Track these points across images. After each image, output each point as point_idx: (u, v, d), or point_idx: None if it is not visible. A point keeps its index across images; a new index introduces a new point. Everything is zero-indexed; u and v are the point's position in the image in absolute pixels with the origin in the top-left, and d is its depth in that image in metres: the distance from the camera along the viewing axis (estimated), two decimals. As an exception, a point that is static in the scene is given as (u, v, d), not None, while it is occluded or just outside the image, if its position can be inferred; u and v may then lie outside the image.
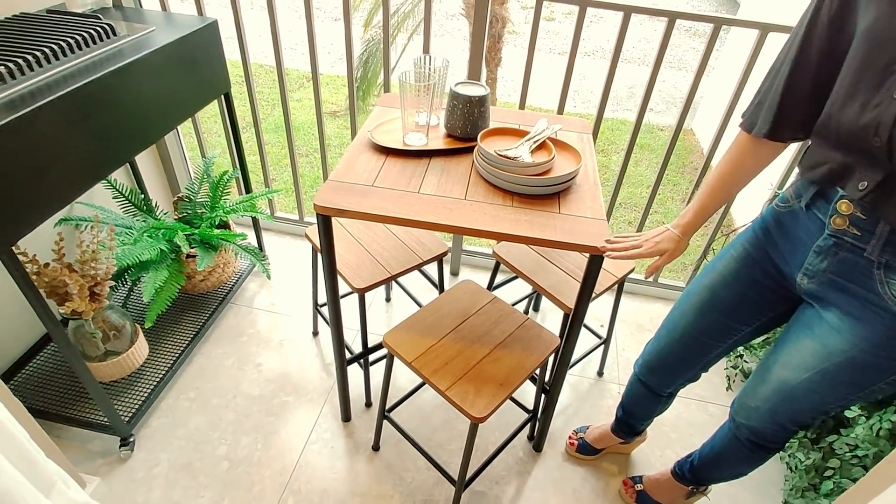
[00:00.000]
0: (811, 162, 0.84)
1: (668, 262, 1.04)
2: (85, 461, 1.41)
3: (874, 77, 0.71)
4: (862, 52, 0.74)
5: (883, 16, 0.71)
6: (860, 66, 0.74)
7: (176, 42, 1.34)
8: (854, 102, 0.74)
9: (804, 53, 0.83)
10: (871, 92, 0.72)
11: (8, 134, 0.95)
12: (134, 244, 1.54)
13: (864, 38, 0.73)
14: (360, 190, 1.10)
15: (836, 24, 0.78)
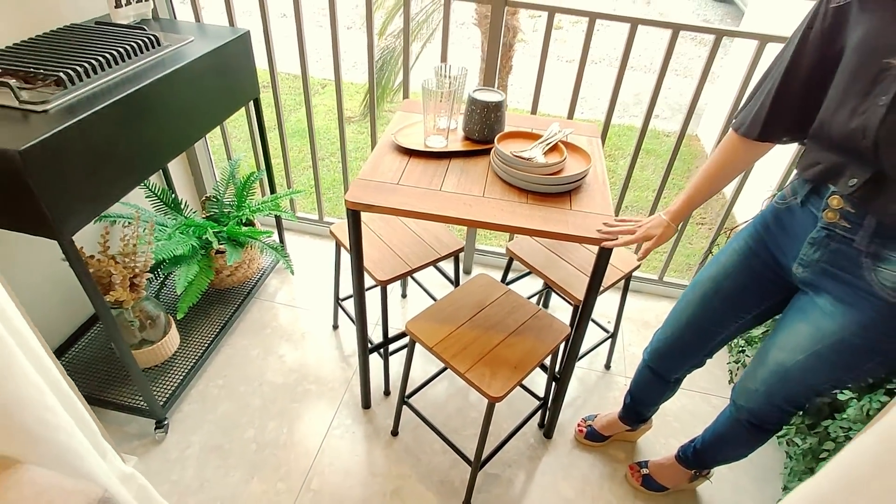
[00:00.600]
0: (807, 162, 0.93)
1: (657, 246, 1.13)
2: (122, 442, 1.50)
3: (862, 86, 0.80)
4: (852, 64, 0.82)
5: (872, 31, 0.79)
6: (850, 77, 0.82)
7: (213, 52, 1.44)
8: (844, 109, 0.82)
9: (796, 63, 0.91)
10: (859, 99, 0.80)
11: (71, 135, 1.05)
12: (168, 240, 1.64)
13: (854, 51, 0.82)
14: (386, 188, 1.20)
15: (827, 37, 0.86)
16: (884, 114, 0.76)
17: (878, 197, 0.81)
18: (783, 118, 0.95)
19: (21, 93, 1.09)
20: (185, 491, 1.41)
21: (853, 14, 0.82)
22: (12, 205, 1.02)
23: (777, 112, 0.95)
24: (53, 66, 1.16)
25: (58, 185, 1.04)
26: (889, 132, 0.76)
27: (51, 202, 1.02)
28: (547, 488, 1.48)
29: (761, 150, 1.02)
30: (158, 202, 1.81)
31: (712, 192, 1.10)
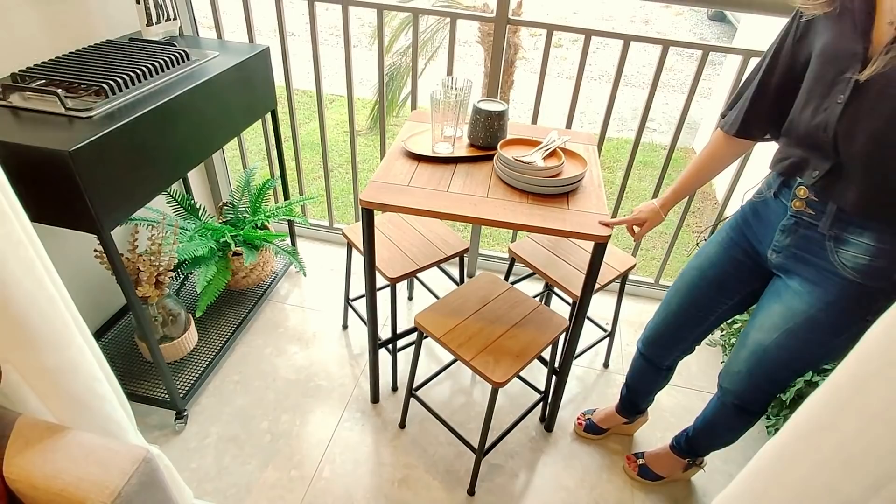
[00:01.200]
0: (778, 157, 1.04)
1: (648, 230, 1.29)
2: (143, 433, 1.57)
3: (824, 87, 0.91)
4: (816, 68, 0.93)
5: (832, 39, 0.91)
6: (814, 79, 0.94)
7: (236, 66, 1.56)
8: (809, 108, 0.94)
9: (771, 69, 1.04)
10: (821, 99, 0.91)
11: (113, 139, 1.16)
12: (189, 241, 1.74)
13: (817, 57, 0.93)
14: (398, 189, 1.30)
15: (797, 47, 0.98)
16: (841, 110, 0.87)
17: (837, 186, 0.91)
18: (760, 118, 1.08)
19: (67, 101, 1.20)
20: (203, 478, 1.49)
21: (819, 26, 0.94)
22: (60, 202, 1.12)
23: (755, 113, 1.08)
24: (95, 78, 1.27)
25: (101, 184, 1.14)
26: (846, 127, 0.87)
27: (95, 199, 1.12)
28: (548, 478, 1.55)
29: (743, 147, 1.15)
30: (179, 207, 1.92)
31: (699, 184, 1.23)
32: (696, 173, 1.21)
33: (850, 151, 0.88)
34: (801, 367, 1.07)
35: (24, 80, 1.26)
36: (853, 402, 0.58)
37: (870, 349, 0.57)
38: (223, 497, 1.45)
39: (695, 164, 1.22)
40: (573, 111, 1.79)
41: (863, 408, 0.57)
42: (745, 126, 1.10)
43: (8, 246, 0.69)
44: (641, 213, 1.29)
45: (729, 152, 1.17)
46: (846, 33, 0.87)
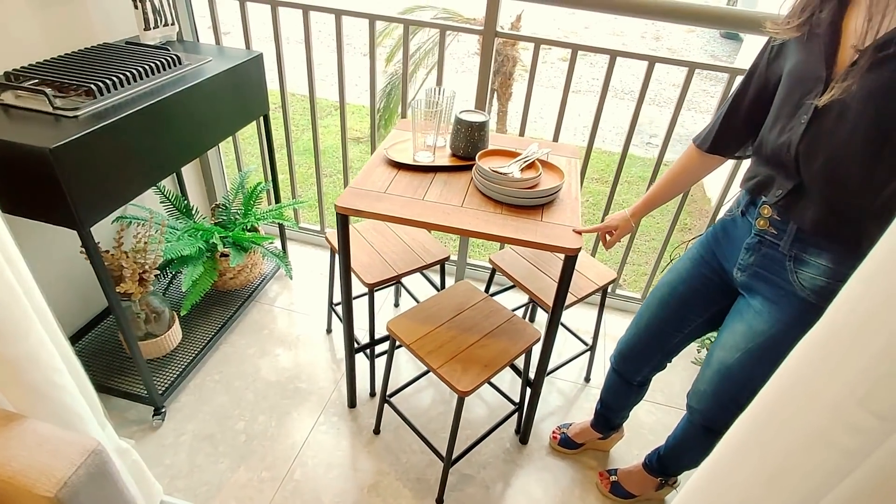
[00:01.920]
0: (747, 175, 1.04)
1: (619, 238, 1.33)
2: (122, 427, 1.60)
3: (791, 107, 0.92)
4: (784, 88, 0.95)
5: (799, 62, 0.92)
6: (782, 100, 0.95)
7: (227, 71, 1.59)
8: (776, 127, 0.95)
9: (744, 88, 1.05)
10: (787, 119, 0.92)
11: (96, 138, 1.19)
12: (177, 241, 1.77)
13: (786, 78, 0.94)
14: (374, 196, 1.31)
15: (771, 67, 1.00)
16: (803, 131, 0.87)
17: (797, 205, 0.92)
18: (731, 136, 1.10)
19: (55, 100, 1.24)
20: (176, 474, 1.50)
21: (790, 49, 0.95)
22: (41, 197, 1.16)
23: (727, 130, 1.09)
24: (85, 79, 1.31)
25: (82, 181, 1.17)
26: (807, 146, 0.87)
27: (75, 195, 1.15)
28: (518, 490, 1.55)
29: (714, 162, 1.16)
30: (171, 207, 1.95)
31: (671, 195, 1.25)
32: (667, 185, 1.23)
33: (809, 172, 0.88)
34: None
35: (18, 79, 1.30)
36: (777, 416, 0.58)
37: (793, 365, 0.57)
38: (193, 495, 1.46)
39: (667, 176, 1.23)
40: (560, 124, 1.81)
41: (785, 422, 0.57)
42: (717, 142, 1.12)
43: (-35, 236, 0.72)
44: (612, 222, 1.32)
45: (701, 167, 1.18)
46: (813, 56, 0.88)
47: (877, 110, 0.78)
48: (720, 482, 0.68)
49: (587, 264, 1.68)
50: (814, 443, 0.53)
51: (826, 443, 0.52)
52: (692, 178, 1.21)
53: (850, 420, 0.50)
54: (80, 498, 0.81)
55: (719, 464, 0.68)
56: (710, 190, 4.06)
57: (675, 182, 1.22)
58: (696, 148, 1.16)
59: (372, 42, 1.80)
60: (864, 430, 0.49)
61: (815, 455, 0.53)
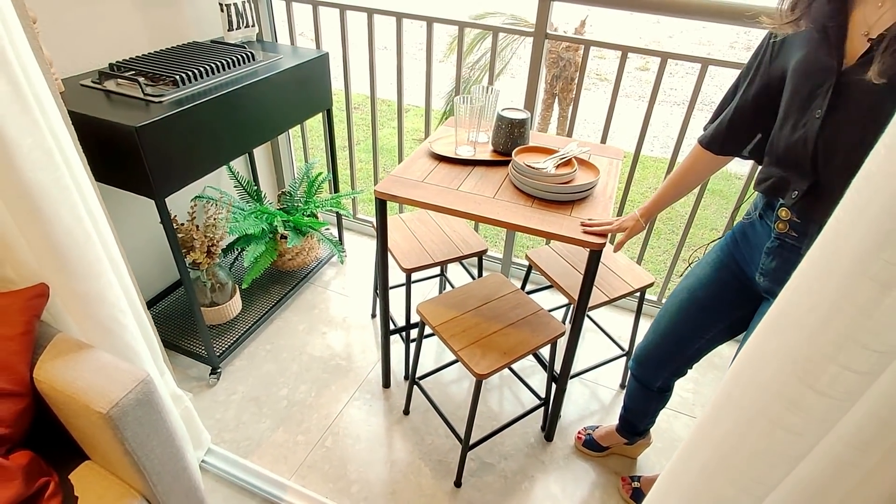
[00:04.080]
0: (760, 177, 1.01)
1: (628, 238, 1.29)
2: (183, 381, 1.80)
3: (801, 103, 0.89)
4: (792, 84, 0.92)
5: (807, 54, 0.89)
6: (790, 96, 0.92)
7: (295, 67, 1.75)
8: (788, 125, 0.92)
9: (748, 87, 1.02)
10: (799, 115, 0.90)
11: (174, 120, 1.37)
12: (244, 220, 1.95)
13: (792, 73, 0.92)
14: (411, 184, 1.40)
15: (773, 64, 0.97)
16: (819, 125, 0.85)
17: (816, 206, 0.88)
18: (737, 136, 1.07)
19: (146, 88, 1.43)
20: (223, 428, 1.66)
21: (793, 43, 0.92)
22: (127, 168, 1.35)
23: (733, 130, 1.07)
24: (172, 70, 1.50)
25: (160, 156, 1.35)
26: (826, 141, 0.85)
27: (153, 168, 1.33)
28: (537, 485, 1.56)
29: (721, 162, 1.14)
30: (243, 191, 2.16)
31: (678, 195, 1.22)
32: (674, 185, 1.21)
33: (829, 167, 0.86)
34: None
35: (119, 70, 1.52)
36: (729, 399, 0.58)
37: (747, 349, 0.57)
38: (236, 447, 1.61)
39: (673, 176, 1.22)
40: (608, 125, 1.80)
41: (736, 405, 0.57)
42: (723, 142, 1.09)
43: (56, 189, 0.88)
44: (623, 223, 1.30)
45: (707, 166, 1.15)
46: (819, 48, 0.86)
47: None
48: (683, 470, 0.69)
49: (626, 267, 1.66)
50: (758, 420, 0.54)
51: (769, 420, 0.53)
52: (699, 178, 1.19)
53: (791, 397, 0.50)
54: (128, 418, 0.94)
55: (685, 453, 0.68)
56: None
57: (682, 182, 1.20)
58: (702, 149, 1.13)
59: (429, 43, 1.89)
60: (806, 406, 0.50)
61: (762, 434, 0.54)
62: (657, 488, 0.76)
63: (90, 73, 1.54)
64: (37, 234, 0.88)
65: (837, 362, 0.46)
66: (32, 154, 0.83)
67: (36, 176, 0.85)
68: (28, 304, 0.98)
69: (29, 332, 0.98)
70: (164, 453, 1.05)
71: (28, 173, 0.83)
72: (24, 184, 0.83)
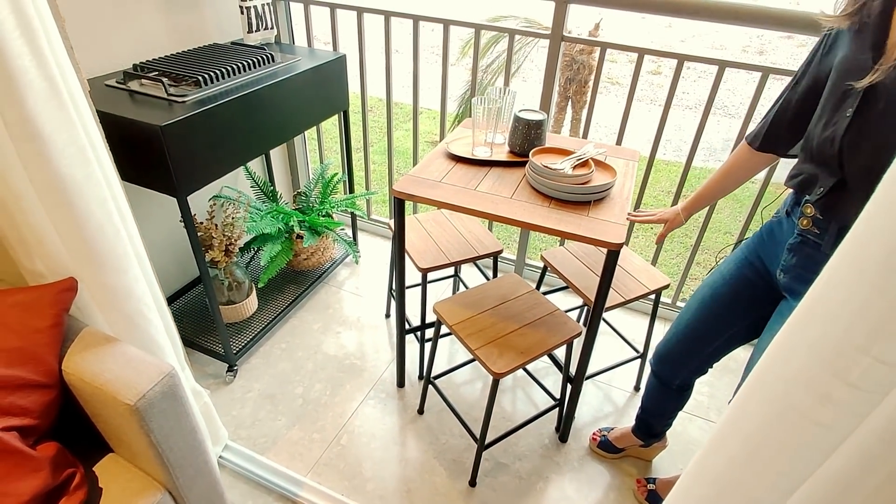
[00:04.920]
0: (792, 173, 1.02)
1: (668, 231, 1.32)
2: (200, 378, 1.81)
3: (836, 100, 0.90)
4: (831, 82, 0.93)
5: (848, 52, 0.90)
6: (828, 93, 0.93)
7: (313, 69, 1.77)
8: (822, 121, 0.93)
9: (796, 84, 1.03)
10: (832, 112, 0.91)
11: (197, 120, 1.39)
12: (260, 220, 1.97)
13: (834, 70, 0.93)
14: (429, 183, 1.41)
15: (823, 61, 0.97)
16: (848, 123, 0.85)
17: (840, 203, 0.89)
18: (782, 133, 1.07)
19: (169, 88, 1.46)
20: (240, 424, 1.68)
21: (842, 40, 0.93)
22: (150, 166, 1.37)
23: (777, 127, 1.07)
24: (195, 71, 1.53)
25: (183, 155, 1.37)
26: (851, 140, 0.85)
27: (176, 166, 1.35)
28: (552, 486, 1.56)
29: (766, 161, 1.14)
30: (259, 191, 2.18)
31: (721, 193, 1.24)
32: (717, 183, 1.22)
33: (854, 166, 0.86)
34: None
35: (143, 70, 1.54)
36: (757, 393, 0.59)
37: (775, 344, 0.58)
38: (253, 444, 1.62)
39: (718, 174, 1.22)
40: (623, 128, 1.81)
41: (764, 399, 0.57)
42: (767, 139, 1.10)
43: (88, 184, 0.90)
44: (664, 215, 1.33)
45: (752, 165, 1.16)
46: (861, 46, 0.86)
47: None
48: (710, 463, 0.69)
49: (641, 268, 1.66)
50: (787, 413, 0.54)
51: (799, 413, 0.53)
52: (743, 176, 1.19)
53: (822, 390, 0.51)
54: (154, 410, 0.96)
55: (711, 446, 0.68)
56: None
57: (725, 179, 1.21)
58: (747, 145, 1.14)
59: (445, 46, 1.91)
60: (837, 399, 0.50)
61: (792, 427, 0.54)
62: (682, 482, 0.76)
63: (114, 74, 1.57)
64: (69, 228, 0.91)
65: (870, 354, 0.46)
66: (67, 150, 0.85)
67: (70, 171, 0.87)
68: (58, 298, 1.00)
69: (58, 325, 1.00)
70: (186, 446, 1.07)
71: (63, 169, 0.85)
72: (59, 178, 0.86)
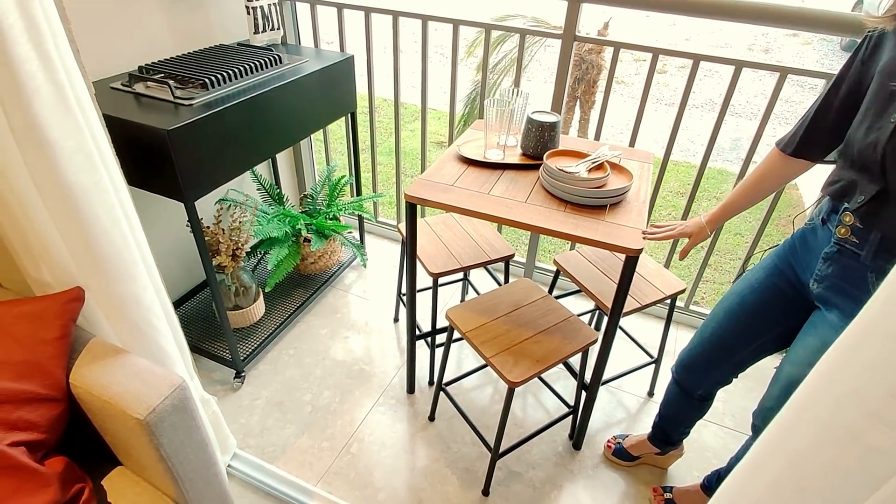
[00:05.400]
0: (830, 179, 0.99)
1: (693, 246, 1.26)
2: (207, 385, 1.79)
3: (880, 105, 0.87)
4: (875, 85, 0.89)
5: (892, 57, 0.86)
6: (872, 97, 0.90)
7: (321, 70, 1.74)
8: (863, 126, 0.90)
9: (836, 88, 0.99)
10: (875, 117, 0.87)
11: (204, 123, 1.36)
12: (267, 224, 1.95)
13: (878, 73, 0.89)
14: (442, 188, 1.38)
15: (865, 65, 0.94)
16: (893, 129, 0.82)
17: (882, 212, 0.86)
18: (818, 139, 1.03)
19: (176, 91, 1.43)
20: (248, 433, 1.65)
21: (885, 46, 0.89)
22: (157, 171, 1.34)
23: (814, 132, 1.03)
24: (201, 74, 1.50)
25: (191, 160, 1.34)
26: (895, 146, 0.82)
27: (184, 171, 1.33)
28: (566, 494, 1.53)
29: (797, 168, 1.10)
30: (266, 194, 2.15)
31: (750, 203, 1.19)
32: (746, 192, 1.17)
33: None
34: None
35: (148, 73, 1.52)
36: (807, 413, 0.56)
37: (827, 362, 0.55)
38: (262, 452, 1.59)
39: (747, 181, 1.18)
40: (637, 130, 1.77)
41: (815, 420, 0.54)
42: (802, 145, 1.06)
43: (95, 191, 0.87)
44: (686, 228, 1.27)
45: (783, 172, 1.12)
46: None
47: None
48: (752, 485, 0.66)
49: (656, 273, 1.63)
50: (838, 435, 0.51)
51: (852, 435, 0.50)
52: (774, 184, 1.15)
53: (881, 415, 0.48)
54: (164, 424, 0.93)
55: (751, 466, 0.65)
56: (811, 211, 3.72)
57: (755, 187, 1.16)
58: (779, 151, 1.10)
59: (455, 46, 1.88)
60: (893, 422, 0.47)
61: (842, 450, 0.51)
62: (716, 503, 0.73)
63: (118, 77, 1.55)
64: (76, 237, 0.88)
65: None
66: (75, 157, 0.83)
67: (77, 178, 0.84)
68: (65, 308, 0.97)
69: (65, 336, 0.97)
70: (197, 459, 1.04)
71: (70, 176, 0.82)
72: (67, 186, 0.83)
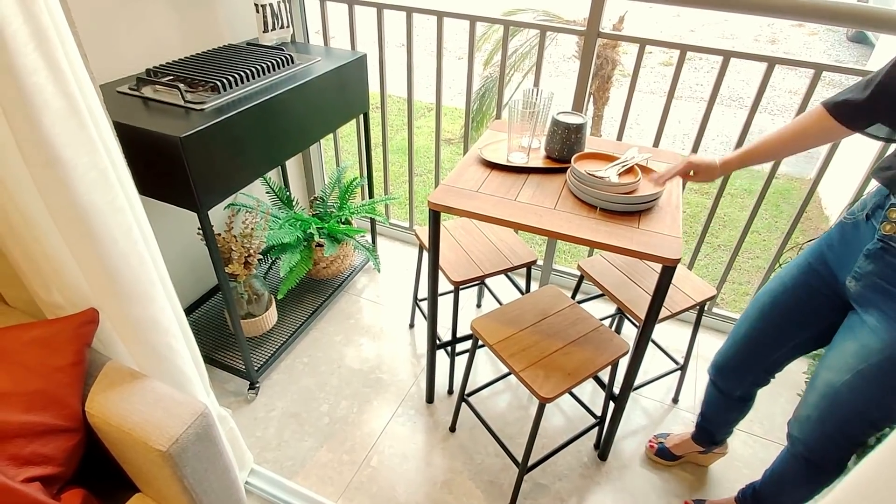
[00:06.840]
0: (884, 164, 0.92)
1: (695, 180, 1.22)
2: (220, 397, 1.74)
3: None
4: None
5: None
6: None
7: (334, 70, 1.68)
8: None
9: None
10: None
11: (217, 129, 1.30)
12: (279, 229, 1.89)
13: None
14: (466, 194, 1.32)
15: None
16: None
17: None
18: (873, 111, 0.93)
19: (186, 95, 1.37)
20: (265, 447, 1.60)
21: None
22: (170, 180, 1.28)
23: (865, 103, 0.93)
24: (211, 76, 1.44)
25: (204, 167, 1.28)
26: None
27: (197, 180, 1.27)
28: (595, 507, 1.49)
29: (837, 133, 1.00)
30: (275, 198, 2.09)
31: (782, 154, 1.11)
32: (776, 142, 1.06)
33: None
34: (878, 418, 0.93)
35: (156, 75, 1.45)
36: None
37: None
38: (280, 467, 1.55)
39: (786, 131, 1.06)
40: (661, 129, 1.71)
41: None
42: (854, 112, 0.95)
43: (111, 211, 0.81)
44: (695, 162, 1.20)
45: (821, 134, 1.01)
46: None
47: None
48: None
49: (683, 277, 1.58)
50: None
51: None
52: (806, 143, 1.04)
53: None
54: (188, 454, 0.88)
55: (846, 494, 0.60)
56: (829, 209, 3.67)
57: (793, 140, 1.04)
58: (824, 113, 1.00)
59: (472, 43, 1.81)
60: None
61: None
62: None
63: (125, 80, 1.48)
64: (91, 260, 0.82)
65: None
66: (88, 175, 0.77)
67: (91, 198, 0.78)
68: (78, 332, 0.92)
69: (79, 363, 0.91)
70: (220, 486, 0.99)
71: (83, 196, 0.77)
72: (80, 206, 0.77)
